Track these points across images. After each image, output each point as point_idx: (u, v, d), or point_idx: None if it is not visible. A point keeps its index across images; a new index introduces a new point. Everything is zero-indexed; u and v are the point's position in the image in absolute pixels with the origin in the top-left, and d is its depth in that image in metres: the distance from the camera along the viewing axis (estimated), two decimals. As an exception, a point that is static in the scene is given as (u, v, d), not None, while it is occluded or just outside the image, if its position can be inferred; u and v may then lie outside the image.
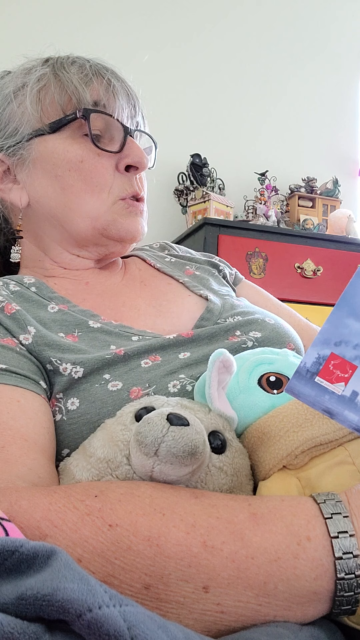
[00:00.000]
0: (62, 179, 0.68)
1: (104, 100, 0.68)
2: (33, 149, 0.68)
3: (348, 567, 0.37)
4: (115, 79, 0.69)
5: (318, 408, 0.38)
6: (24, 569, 0.28)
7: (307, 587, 0.37)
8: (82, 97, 0.67)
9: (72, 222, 0.69)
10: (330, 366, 0.38)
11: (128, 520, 0.38)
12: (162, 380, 0.56)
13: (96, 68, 0.69)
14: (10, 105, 0.69)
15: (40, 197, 0.69)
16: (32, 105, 0.67)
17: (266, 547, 0.38)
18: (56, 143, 0.68)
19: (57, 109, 0.68)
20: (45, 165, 0.68)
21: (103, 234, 0.70)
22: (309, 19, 2.66)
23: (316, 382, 0.38)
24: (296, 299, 1.95)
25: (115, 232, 0.69)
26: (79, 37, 1.84)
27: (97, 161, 0.67)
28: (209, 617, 0.36)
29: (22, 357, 0.57)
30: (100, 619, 0.25)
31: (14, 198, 0.71)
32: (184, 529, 0.38)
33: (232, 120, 2.49)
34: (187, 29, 2.46)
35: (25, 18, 2.22)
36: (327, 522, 0.39)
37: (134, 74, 0.73)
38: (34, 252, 0.74)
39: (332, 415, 0.38)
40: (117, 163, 0.69)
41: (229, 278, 0.85)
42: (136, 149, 0.69)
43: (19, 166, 0.70)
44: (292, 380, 0.39)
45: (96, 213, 0.68)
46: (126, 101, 0.70)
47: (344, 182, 2.52)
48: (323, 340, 0.38)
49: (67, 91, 0.67)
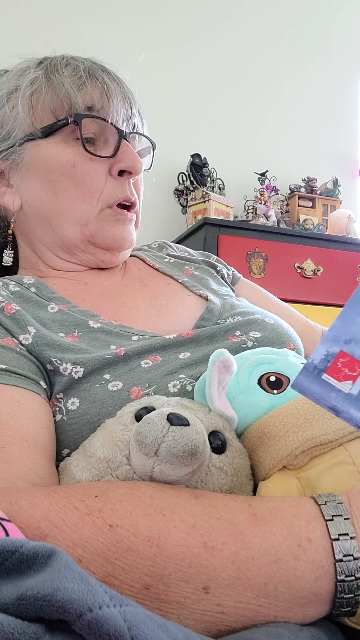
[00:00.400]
0: (55, 183, 0.67)
1: (98, 103, 0.67)
2: (26, 153, 0.68)
3: (348, 570, 0.37)
4: (111, 81, 0.69)
5: (324, 405, 0.38)
6: (24, 569, 0.28)
7: (307, 589, 0.37)
8: (74, 101, 0.66)
9: (62, 227, 0.69)
10: (338, 364, 0.38)
11: (128, 520, 0.38)
12: (162, 380, 0.56)
13: (91, 70, 0.68)
14: (2, 108, 0.69)
15: (33, 201, 0.70)
16: (24, 110, 0.67)
17: (266, 548, 0.38)
18: (49, 148, 0.67)
19: (49, 114, 0.67)
20: (38, 170, 0.68)
21: (90, 241, 0.70)
22: (309, 19, 2.67)
23: (323, 379, 0.38)
24: (296, 299, 1.95)
25: (102, 239, 0.69)
26: (77, 37, 1.84)
27: (89, 166, 0.67)
28: (209, 618, 0.36)
29: (22, 357, 0.57)
30: (100, 619, 0.25)
31: (7, 201, 0.71)
32: (184, 529, 0.38)
33: (232, 120, 2.49)
34: (187, 29, 2.46)
35: (24, 17, 2.22)
36: (327, 524, 0.39)
37: (133, 74, 0.73)
38: (29, 254, 0.74)
39: (338, 413, 0.38)
40: (110, 168, 0.69)
41: (227, 278, 0.85)
42: (130, 153, 0.69)
43: (12, 170, 0.70)
44: (299, 376, 0.39)
45: (85, 219, 0.68)
46: (122, 103, 0.69)
47: (344, 182, 2.52)
48: (332, 337, 0.38)
49: (58, 95, 0.67)
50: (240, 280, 0.88)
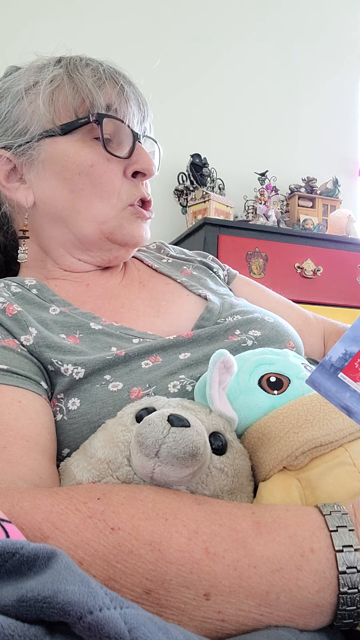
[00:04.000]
0: (72, 182, 0.67)
1: (116, 105, 0.68)
2: (43, 149, 0.68)
3: (352, 582, 0.37)
4: (128, 84, 0.69)
5: (336, 404, 0.38)
6: (25, 571, 0.28)
7: (310, 599, 0.37)
8: (96, 100, 0.66)
9: (78, 225, 0.69)
10: (356, 364, 0.37)
11: (130, 524, 0.38)
12: (163, 380, 0.56)
13: (109, 72, 0.69)
14: (20, 103, 0.68)
15: (47, 198, 0.69)
16: (44, 106, 0.67)
17: (269, 557, 0.37)
18: (67, 145, 0.67)
19: (69, 111, 0.67)
20: (54, 167, 0.68)
21: (109, 237, 0.70)
22: (309, 19, 2.66)
23: (339, 378, 0.38)
24: (296, 299, 1.93)
25: (120, 236, 0.70)
26: (80, 38, 1.84)
27: (106, 166, 0.67)
28: (210, 625, 0.36)
29: (23, 358, 0.57)
30: (101, 621, 0.25)
31: (20, 197, 0.70)
32: (186, 534, 0.38)
33: (232, 120, 2.49)
34: (187, 29, 2.46)
35: (30, 17, 2.22)
36: (332, 535, 0.38)
37: (133, 75, 0.73)
38: (36, 253, 0.74)
39: (351, 413, 0.37)
40: (125, 169, 0.69)
41: (223, 278, 0.85)
42: (145, 155, 0.70)
43: (27, 166, 0.69)
44: (315, 372, 0.38)
45: (104, 217, 0.68)
46: (137, 107, 0.70)
47: (344, 182, 2.52)
48: (353, 337, 0.37)
49: (80, 94, 0.66)
50: (236, 278, 0.88)
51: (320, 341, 0.87)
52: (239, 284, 0.87)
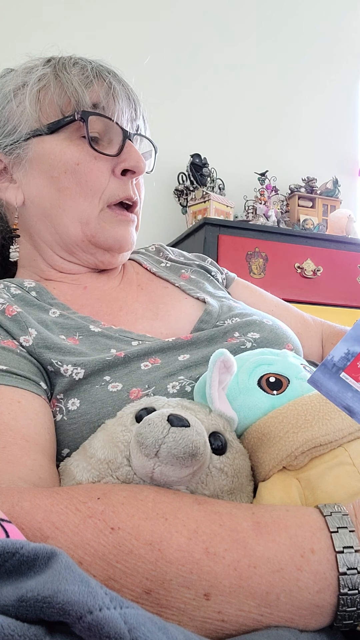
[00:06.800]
0: (58, 180, 0.67)
1: (104, 102, 0.68)
2: (30, 148, 0.68)
3: (352, 583, 0.37)
4: (117, 82, 0.69)
5: (338, 404, 0.38)
6: (25, 571, 0.28)
7: (310, 600, 0.37)
8: (82, 99, 0.66)
9: (64, 225, 0.69)
10: (358, 364, 0.37)
11: (130, 524, 0.38)
12: (162, 381, 0.56)
13: (98, 70, 0.69)
14: (9, 103, 0.69)
15: (35, 197, 0.69)
16: (31, 105, 0.67)
17: (269, 557, 0.37)
18: (53, 144, 0.67)
19: (55, 110, 0.67)
20: (41, 166, 0.68)
21: (91, 241, 0.70)
22: (309, 19, 2.66)
23: (341, 378, 0.37)
24: (296, 299, 1.95)
25: (103, 239, 0.69)
26: (80, 38, 1.84)
27: (93, 164, 0.67)
28: (210, 625, 0.36)
29: (23, 359, 0.57)
30: (100, 621, 0.25)
31: (10, 197, 0.71)
32: (186, 534, 0.38)
33: (232, 120, 2.49)
34: (188, 31, 2.46)
35: (28, 18, 2.22)
36: (332, 536, 0.38)
37: (134, 75, 0.73)
38: (29, 252, 0.74)
39: (352, 413, 0.37)
40: (114, 167, 0.69)
41: (221, 282, 0.85)
42: (134, 153, 0.69)
43: (15, 165, 0.70)
44: (317, 372, 0.38)
45: (87, 217, 0.68)
46: (127, 104, 0.70)
47: (344, 182, 2.52)
48: (355, 336, 0.37)
49: (66, 92, 0.67)
50: (234, 281, 0.88)
51: (318, 343, 0.87)
52: (237, 287, 0.87)
